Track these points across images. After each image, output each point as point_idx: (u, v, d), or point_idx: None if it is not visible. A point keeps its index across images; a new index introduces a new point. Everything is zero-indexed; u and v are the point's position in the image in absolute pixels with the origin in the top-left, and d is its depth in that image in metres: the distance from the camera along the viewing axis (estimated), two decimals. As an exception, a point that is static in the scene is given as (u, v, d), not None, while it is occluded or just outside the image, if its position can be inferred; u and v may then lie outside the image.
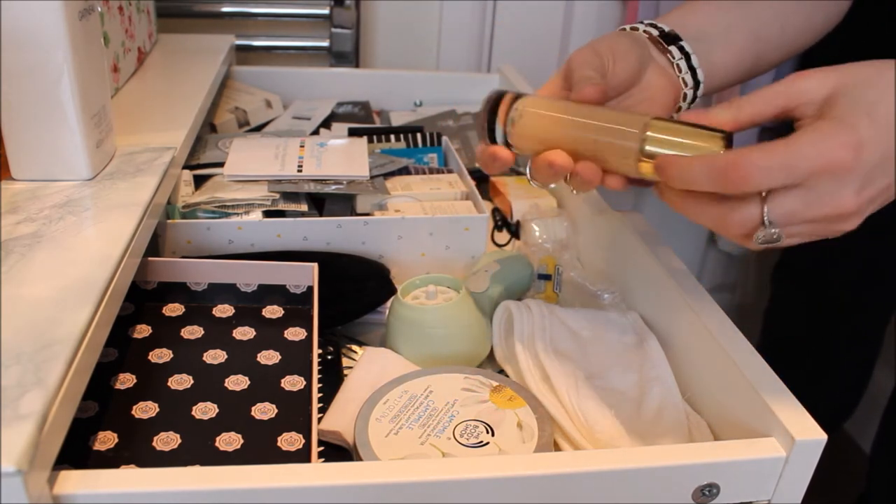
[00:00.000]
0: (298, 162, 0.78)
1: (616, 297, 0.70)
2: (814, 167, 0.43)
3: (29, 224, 0.53)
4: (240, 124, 0.98)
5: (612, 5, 1.32)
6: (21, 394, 0.37)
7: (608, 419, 0.54)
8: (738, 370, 0.51)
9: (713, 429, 0.55)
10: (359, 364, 0.61)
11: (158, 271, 0.62)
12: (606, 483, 0.45)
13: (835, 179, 0.44)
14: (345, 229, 0.70)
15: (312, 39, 1.22)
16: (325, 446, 0.55)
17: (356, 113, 1.06)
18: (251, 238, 0.70)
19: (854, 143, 0.43)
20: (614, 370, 0.60)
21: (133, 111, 0.77)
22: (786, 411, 0.47)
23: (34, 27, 0.54)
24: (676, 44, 0.61)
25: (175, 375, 0.55)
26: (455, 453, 0.51)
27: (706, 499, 0.47)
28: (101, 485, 0.39)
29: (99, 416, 0.51)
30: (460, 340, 0.63)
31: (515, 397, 0.56)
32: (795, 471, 0.46)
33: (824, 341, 1.15)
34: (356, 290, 0.68)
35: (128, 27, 0.87)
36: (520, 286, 0.72)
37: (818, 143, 0.43)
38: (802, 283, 1.15)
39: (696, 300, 0.58)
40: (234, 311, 0.62)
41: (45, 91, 0.56)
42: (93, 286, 0.46)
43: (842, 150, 0.43)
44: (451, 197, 0.79)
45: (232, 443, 0.50)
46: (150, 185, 0.60)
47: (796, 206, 0.44)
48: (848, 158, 0.43)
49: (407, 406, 0.54)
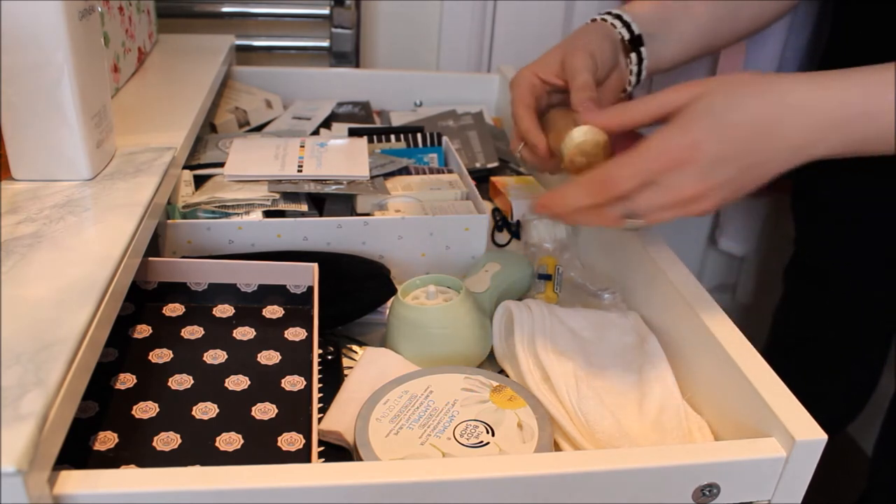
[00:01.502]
0: (298, 162, 0.78)
1: (616, 298, 0.70)
2: (659, 165, 0.54)
3: (29, 224, 0.53)
4: (240, 124, 0.98)
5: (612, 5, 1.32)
6: (21, 394, 0.37)
7: (608, 419, 0.54)
8: (738, 370, 0.51)
9: (713, 429, 0.55)
10: (359, 364, 0.61)
11: (158, 271, 0.62)
12: (606, 483, 0.45)
13: (678, 172, 0.54)
14: (345, 229, 0.70)
15: (312, 39, 1.22)
16: (325, 446, 0.55)
17: (356, 113, 1.06)
18: (251, 238, 0.70)
19: (689, 143, 0.54)
20: (614, 370, 0.60)
21: (133, 111, 0.77)
22: (786, 411, 0.47)
23: (34, 27, 0.54)
24: (638, 49, 0.71)
25: (175, 375, 0.55)
26: (455, 453, 0.51)
27: (706, 499, 0.47)
28: (101, 485, 0.39)
29: (99, 416, 0.51)
30: (460, 340, 0.63)
31: (515, 397, 0.56)
32: (795, 471, 0.46)
33: (835, 341, 1.15)
34: (356, 290, 0.68)
35: (128, 27, 0.87)
36: (520, 286, 0.72)
37: (660, 145, 0.54)
38: (815, 283, 1.15)
39: (696, 300, 0.58)
40: (235, 311, 0.62)
41: (46, 91, 0.56)
42: (93, 286, 0.46)
43: (678, 148, 0.54)
44: (451, 197, 0.79)
45: (232, 443, 0.50)
46: (151, 185, 0.60)
47: (652, 197, 0.55)
48: (684, 154, 0.54)
49: (407, 406, 0.54)
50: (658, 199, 0.56)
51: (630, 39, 0.71)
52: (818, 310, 1.16)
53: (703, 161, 0.54)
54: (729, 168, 0.55)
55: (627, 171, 0.55)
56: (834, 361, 1.17)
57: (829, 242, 1.09)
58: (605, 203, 0.56)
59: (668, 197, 0.56)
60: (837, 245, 1.08)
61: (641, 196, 0.56)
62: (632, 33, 0.71)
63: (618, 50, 0.70)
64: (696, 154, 0.54)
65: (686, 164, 0.54)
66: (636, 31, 0.71)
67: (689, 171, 0.54)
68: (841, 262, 1.09)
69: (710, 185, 0.55)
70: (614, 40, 0.70)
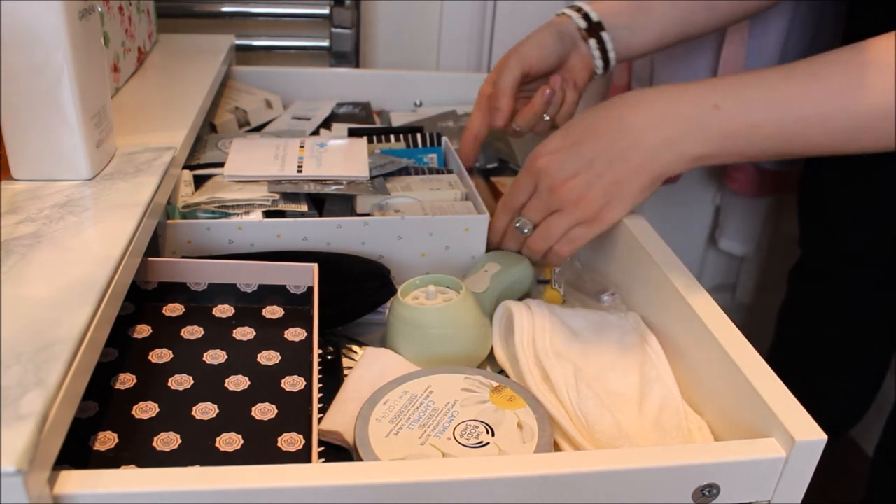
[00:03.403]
0: (298, 162, 0.78)
1: (616, 298, 0.70)
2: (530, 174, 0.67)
3: (29, 224, 0.53)
4: (240, 124, 0.98)
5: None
6: (21, 394, 0.37)
7: (608, 419, 0.54)
8: (738, 370, 0.51)
9: (713, 429, 0.55)
10: (359, 364, 0.61)
11: (158, 271, 0.62)
12: (606, 483, 0.45)
13: (544, 173, 0.65)
14: (345, 229, 0.70)
15: (312, 39, 1.22)
16: (325, 446, 0.55)
17: (356, 113, 1.06)
18: (251, 238, 0.70)
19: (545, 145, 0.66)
20: (615, 371, 0.60)
21: (133, 111, 0.77)
22: (786, 411, 0.47)
23: (34, 27, 0.54)
24: (598, 35, 0.80)
25: (175, 375, 0.55)
26: (455, 453, 0.51)
27: (706, 499, 0.47)
28: (101, 485, 0.39)
29: (99, 416, 0.51)
30: (460, 341, 0.63)
31: (515, 398, 0.56)
32: (795, 471, 0.46)
33: (840, 344, 1.15)
34: (356, 290, 0.68)
35: (128, 27, 0.87)
36: (520, 286, 0.72)
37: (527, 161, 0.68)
38: (820, 285, 1.15)
39: (696, 300, 0.58)
40: (234, 311, 0.62)
41: (46, 91, 0.56)
42: (93, 286, 0.46)
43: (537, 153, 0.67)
44: (451, 197, 0.79)
45: (232, 443, 0.50)
46: (150, 185, 0.60)
47: (536, 204, 0.67)
48: (542, 156, 0.66)
49: (407, 406, 0.54)
50: (540, 203, 0.66)
51: (588, 28, 0.80)
52: (822, 311, 1.16)
53: (560, 153, 0.65)
54: (584, 152, 0.64)
55: (516, 186, 0.68)
56: (837, 363, 1.17)
57: (833, 244, 1.09)
58: (512, 220, 0.69)
59: (545, 198, 0.66)
60: (842, 246, 1.08)
61: (529, 205, 0.67)
62: (589, 22, 0.80)
63: (569, 40, 0.81)
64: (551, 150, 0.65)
65: (547, 163, 0.65)
66: (594, 18, 0.80)
67: (552, 166, 0.65)
68: (845, 263, 1.09)
69: (574, 173, 0.64)
70: (564, 32, 0.80)
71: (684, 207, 1.43)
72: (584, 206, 0.65)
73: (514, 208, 0.70)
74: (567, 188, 0.65)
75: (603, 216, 0.65)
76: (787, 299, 1.22)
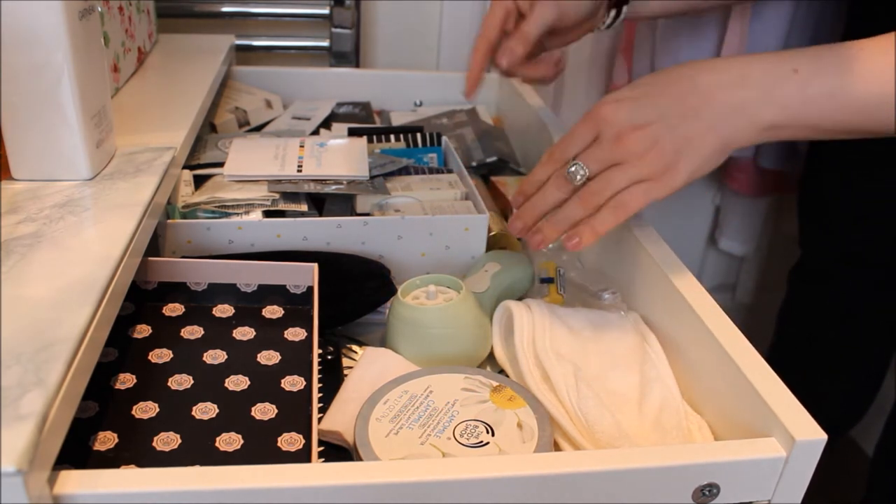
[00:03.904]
0: (298, 162, 0.78)
1: (616, 298, 0.70)
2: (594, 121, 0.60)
3: (29, 224, 0.53)
4: (240, 124, 0.98)
5: (612, 5, 1.32)
6: (21, 394, 0.37)
7: (608, 419, 0.54)
8: (738, 370, 0.51)
9: (713, 429, 0.55)
10: (359, 364, 0.61)
11: (158, 271, 0.62)
12: (606, 483, 0.45)
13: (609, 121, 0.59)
14: (345, 229, 0.70)
15: (312, 39, 1.22)
16: (325, 446, 0.55)
17: (356, 113, 1.06)
18: (251, 238, 0.70)
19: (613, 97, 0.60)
20: (615, 370, 0.60)
21: (133, 111, 0.77)
22: (786, 411, 0.47)
23: (34, 27, 0.54)
24: (619, 7, 0.76)
25: (175, 375, 0.55)
26: (455, 453, 0.51)
27: (706, 499, 0.47)
28: (101, 485, 0.39)
29: (99, 416, 0.51)
30: (460, 340, 0.63)
31: (515, 397, 0.56)
32: (795, 471, 0.46)
33: (840, 344, 1.15)
34: (356, 290, 0.68)
35: (128, 27, 0.87)
36: (520, 286, 0.72)
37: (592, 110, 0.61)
38: (820, 285, 1.15)
39: (696, 300, 0.58)
40: (234, 311, 0.62)
41: (45, 91, 0.56)
42: (93, 286, 0.46)
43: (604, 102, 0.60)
44: (451, 197, 0.79)
45: (232, 443, 0.50)
46: (150, 185, 0.60)
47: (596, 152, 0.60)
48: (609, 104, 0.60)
49: (407, 406, 0.54)
50: (601, 152, 0.60)
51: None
52: (822, 311, 1.16)
53: (628, 101, 0.60)
54: (657, 102, 0.59)
55: (571, 136, 0.62)
56: (837, 363, 1.17)
57: (833, 244, 1.09)
58: (562, 167, 0.61)
59: (608, 147, 0.59)
60: (842, 246, 1.08)
61: (587, 153, 0.60)
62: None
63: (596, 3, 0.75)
64: (618, 98, 0.60)
65: (614, 110, 0.59)
66: None
67: (619, 114, 0.59)
68: (845, 263, 1.09)
69: (644, 123, 0.58)
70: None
71: (684, 207, 1.43)
72: (650, 160, 0.58)
73: (565, 159, 0.61)
74: (635, 138, 0.58)
75: (669, 176, 0.58)
76: (787, 299, 1.22)
